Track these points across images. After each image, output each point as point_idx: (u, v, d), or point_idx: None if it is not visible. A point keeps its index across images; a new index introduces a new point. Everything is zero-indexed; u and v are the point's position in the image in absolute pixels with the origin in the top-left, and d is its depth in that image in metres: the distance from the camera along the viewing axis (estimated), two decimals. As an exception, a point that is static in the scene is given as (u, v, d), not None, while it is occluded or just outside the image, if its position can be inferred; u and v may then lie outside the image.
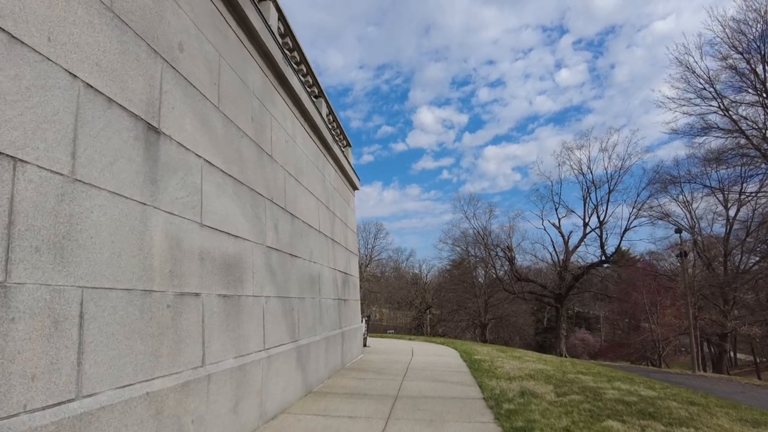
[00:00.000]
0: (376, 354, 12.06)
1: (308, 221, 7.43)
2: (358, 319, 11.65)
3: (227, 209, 4.47)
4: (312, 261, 7.46)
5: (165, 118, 3.52)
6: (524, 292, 37.83)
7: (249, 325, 4.77)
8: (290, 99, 6.88)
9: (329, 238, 8.91)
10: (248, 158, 5.07)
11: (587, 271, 34.84)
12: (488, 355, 12.27)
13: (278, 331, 5.63)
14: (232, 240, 4.52)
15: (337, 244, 9.68)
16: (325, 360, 7.67)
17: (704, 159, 30.13)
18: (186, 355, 3.56)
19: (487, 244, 39.98)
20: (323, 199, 8.63)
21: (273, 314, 5.50)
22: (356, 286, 11.75)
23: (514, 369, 9.50)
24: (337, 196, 10.12)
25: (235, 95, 4.85)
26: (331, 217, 9.24)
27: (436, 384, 7.45)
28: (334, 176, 9.96)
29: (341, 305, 9.61)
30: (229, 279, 4.41)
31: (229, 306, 4.35)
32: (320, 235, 8.19)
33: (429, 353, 12.66)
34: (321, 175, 8.64)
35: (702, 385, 18.10)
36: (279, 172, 6.10)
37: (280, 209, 6.02)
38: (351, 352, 10.16)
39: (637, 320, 59.71)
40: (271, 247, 5.61)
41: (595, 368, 10.89)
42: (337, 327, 9.04)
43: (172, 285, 3.46)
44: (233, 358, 4.36)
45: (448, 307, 49.27)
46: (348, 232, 11.11)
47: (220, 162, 4.40)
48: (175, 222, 3.57)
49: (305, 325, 6.81)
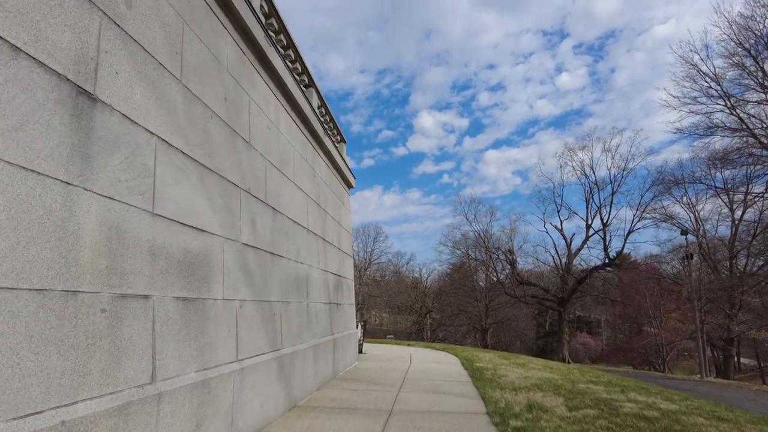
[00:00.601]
0: (372, 361, 11.39)
1: (295, 218, 6.80)
2: (352, 325, 11.00)
3: (190, 198, 3.85)
4: (299, 261, 6.83)
5: (104, 83, 2.91)
6: (526, 296, 37.10)
7: (217, 333, 4.14)
8: (274, 83, 6.28)
9: (320, 237, 8.28)
10: (219, 142, 4.46)
11: (590, 274, 34.12)
12: (491, 363, 11.60)
13: (255, 339, 4.99)
14: (195, 234, 3.89)
15: (329, 244, 9.05)
16: (314, 370, 7.02)
17: (709, 159, 29.56)
18: (128, 370, 2.92)
19: (488, 247, 39.27)
20: (313, 195, 8.01)
21: (249, 320, 4.86)
22: (351, 290, 11.10)
23: (519, 378, 8.84)
24: (330, 193, 9.50)
25: (202, 69, 4.24)
26: (322, 215, 8.61)
27: (435, 396, 6.80)
28: (326, 172, 9.34)
29: (333, 310, 8.97)
30: (192, 279, 3.78)
31: (190, 311, 3.72)
32: (309, 234, 7.56)
33: (428, 360, 12.00)
34: (310, 170, 8.02)
35: (711, 392, 17.42)
36: (258, 160, 5.48)
37: (259, 202, 5.40)
38: (344, 360, 9.50)
39: (639, 324, 58.98)
40: (248, 245, 4.98)
41: (605, 377, 10.23)
42: (329, 333, 8.39)
43: (110, 285, 2.83)
44: (195, 371, 3.72)
45: (448, 312, 48.56)
46: (342, 232, 10.48)
47: (181, 143, 3.78)
48: (116, 209, 2.94)
49: (290, 332, 6.16)
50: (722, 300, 32.60)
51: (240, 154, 4.95)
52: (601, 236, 33.08)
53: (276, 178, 6.08)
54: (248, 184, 5.11)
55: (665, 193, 32.50)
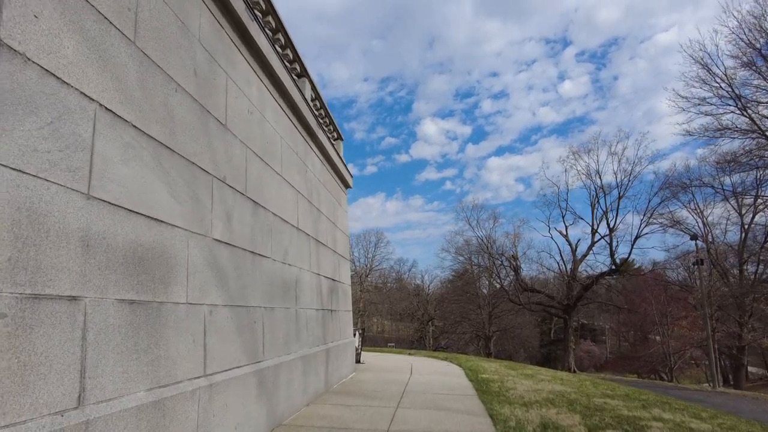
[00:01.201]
0: (370, 372, 10.68)
1: (282, 215, 6.16)
2: (349, 333, 10.32)
3: (143, 182, 3.21)
4: (286, 263, 6.18)
5: (14, 25, 2.28)
6: (531, 303, 36.23)
7: (178, 343, 3.48)
8: (258, 64, 5.67)
9: (312, 237, 7.63)
10: (185, 120, 3.83)
11: (597, 281, 33.30)
12: (497, 374, 10.88)
13: (230, 350, 4.33)
14: (149, 225, 3.25)
15: (323, 245, 8.40)
16: (303, 384, 6.34)
17: (717, 162, 28.87)
18: (39, 393, 2.27)
19: (491, 253, 38.49)
20: (304, 192, 7.37)
21: (221, 328, 4.20)
22: (347, 295, 10.43)
23: (529, 391, 8.13)
24: (324, 191, 8.87)
25: (165, 35, 3.62)
26: (315, 214, 7.97)
27: (438, 413, 6.11)
28: (320, 168, 8.72)
29: (327, 317, 8.29)
30: (144, 279, 3.14)
31: (140, 317, 3.07)
32: (300, 234, 6.92)
33: (430, 371, 11.28)
34: (302, 164, 7.40)
35: (725, 404, 16.58)
36: (237, 147, 4.85)
37: (237, 194, 4.76)
38: (339, 371, 8.81)
39: (644, 332, 57.95)
40: (221, 241, 4.33)
41: (620, 389, 9.50)
42: (321, 342, 7.71)
43: (14, 283, 2.19)
44: (146, 390, 3.06)
45: (451, 319, 47.69)
46: (337, 234, 9.83)
47: (133, 116, 3.15)
48: (29, 186, 2.31)
49: (274, 341, 5.50)
50: (732, 307, 31.74)
51: (213, 138, 4.33)
52: (608, 242, 32.33)
53: (259, 169, 5.45)
54: (223, 173, 4.47)
55: (673, 197, 31.78)
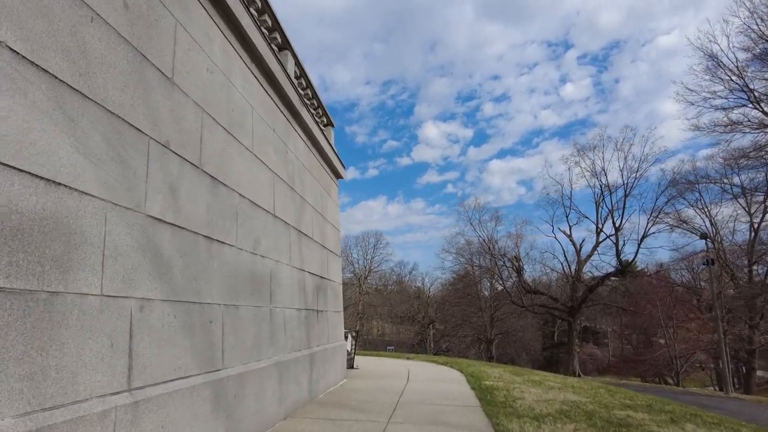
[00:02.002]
0: (363, 379, 9.78)
1: (254, 198, 5.30)
2: (339, 336, 9.42)
3: (27, 126, 2.35)
4: (258, 254, 5.30)
5: None
6: (534, 305, 35.23)
7: (83, 348, 2.61)
8: (223, 20, 4.81)
9: (293, 228, 6.77)
10: (106, 61, 2.97)
11: (602, 282, 32.33)
12: (501, 380, 9.97)
13: (171, 356, 3.45)
14: (36, 186, 2.39)
15: (308, 238, 7.53)
16: (278, 394, 5.46)
17: (726, 159, 28.00)
18: None
19: (493, 254, 37.50)
20: (284, 176, 6.51)
21: (158, 329, 3.33)
22: (338, 295, 9.55)
23: (539, 401, 7.23)
24: (310, 178, 8.01)
25: (73, -57, 2.77)
26: (298, 202, 7.11)
27: (435, 429, 5.22)
28: (305, 152, 7.85)
29: (312, 318, 7.41)
30: (21, 259, 2.27)
31: (10, 311, 2.20)
32: (277, 222, 6.05)
33: (428, 377, 10.38)
34: (281, 144, 6.54)
35: (741, 411, 15.64)
36: (189, 109, 3.99)
37: (187, 165, 3.90)
38: (327, 377, 7.92)
39: (648, 335, 56.96)
40: (161, 220, 3.46)
41: (640, 398, 8.59)
42: (304, 347, 6.82)
43: None
44: (15, 417, 2.18)
45: (451, 322, 46.73)
46: (327, 227, 8.96)
47: (11, 34, 2.29)
48: None
49: (238, 345, 4.62)
50: (742, 309, 30.79)
51: (153, 92, 3.46)
52: (613, 241, 31.33)
53: (221, 140, 4.59)
54: (166, 136, 3.61)
55: (680, 196, 30.87)
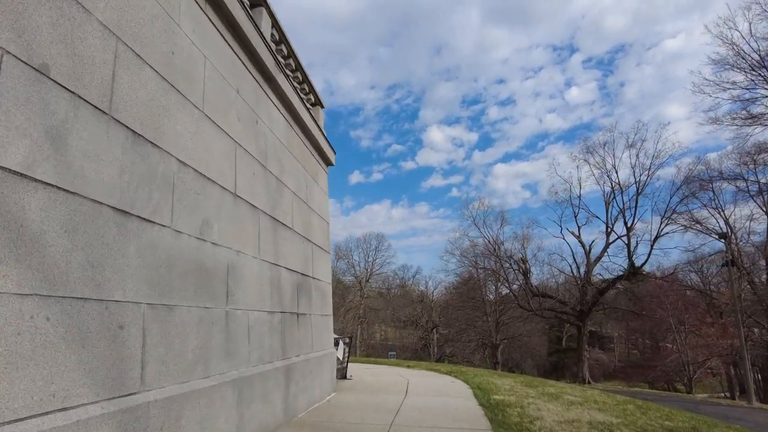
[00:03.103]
0: (355, 392, 8.61)
1: (202, 169, 4.17)
2: (327, 343, 8.26)
3: None
4: (206, 240, 4.16)
5: None
6: (542, 309, 33.83)
7: None
8: (156, -68, 3.70)
9: (265, 214, 5.63)
10: None
11: (613, 285, 30.94)
12: (513, 393, 8.76)
13: (38, 378, 2.30)
14: None
15: (286, 228, 6.39)
16: (237, 419, 4.30)
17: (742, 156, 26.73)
18: None
19: (498, 256, 36.15)
20: (252, 150, 5.38)
21: (11, 338, 2.18)
22: (326, 296, 8.38)
23: (562, 422, 6.04)
24: (290, 159, 6.88)
25: None
26: (273, 184, 5.98)
27: (435, 467, 4.05)
28: (284, 128, 6.73)
29: (290, 322, 6.25)
30: None
31: None
32: (239, 203, 4.92)
33: (430, 390, 9.18)
34: (249, 112, 5.41)
35: None
36: (91, 30, 2.86)
37: (84, 106, 2.77)
38: (311, 392, 6.76)
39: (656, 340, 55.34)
40: (25, 176, 2.33)
41: (679, 416, 7.35)
42: (278, 357, 5.66)
43: None
44: None
45: (456, 327, 45.40)
46: (312, 218, 7.82)
47: None
48: None
49: (170, 359, 3.46)
50: (761, 313, 29.39)
51: (14, -12, 2.34)
52: (625, 242, 29.89)
53: (152, 86, 3.46)
54: (41, 56, 2.48)
55: (695, 194, 29.53)
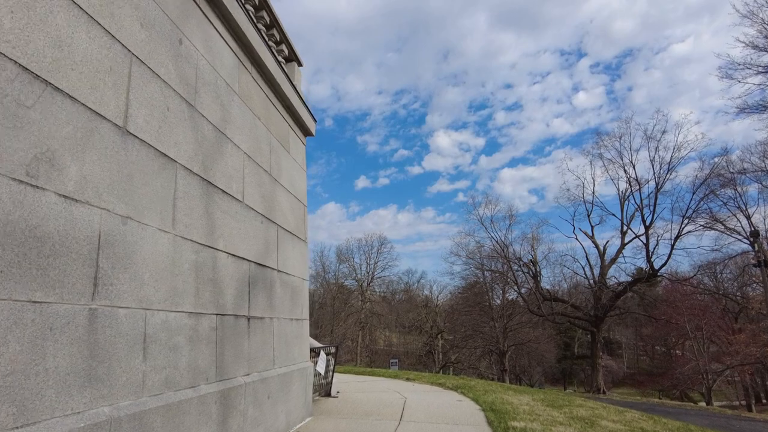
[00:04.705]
0: (335, 418, 6.84)
1: (47, 75, 2.48)
2: (299, 356, 6.51)
3: None
4: (45, 188, 2.46)
5: None
6: (554, 314, 31.82)
7: None
8: None
9: (188, 171, 3.92)
10: None
11: (630, 288, 28.95)
12: (535, 418, 6.97)
13: None
14: None
15: (231, 199, 4.68)
16: (102, 493, 2.57)
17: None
18: None
19: (507, 257, 34.19)
20: (167, 76, 3.68)
21: None
22: (298, 296, 6.63)
23: (615, 472, 4.26)
24: (243, 110, 5.18)
25: None
26: (207, 135, 4.28)
27: None
28: (232, 65, 5.02)
29: (234, 330, 4.52)
30: None
31: None
32: (129, 143, 3.22)
33: (430, 414, 7.38)
34: (165, 21, 3.72)
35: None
36: None
37: None
38: (268, 424, 5.02)
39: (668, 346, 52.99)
40: None
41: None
42: (205, 379, 3.93)
43: None
44: None
45: (461, 332, 43.41)
46: (279, 194, 6.12)
47: None
48: None
49: None
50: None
51: None
52: (643, 242, 27.86)
53: None
54: None
55: (715, 192, 27.55)
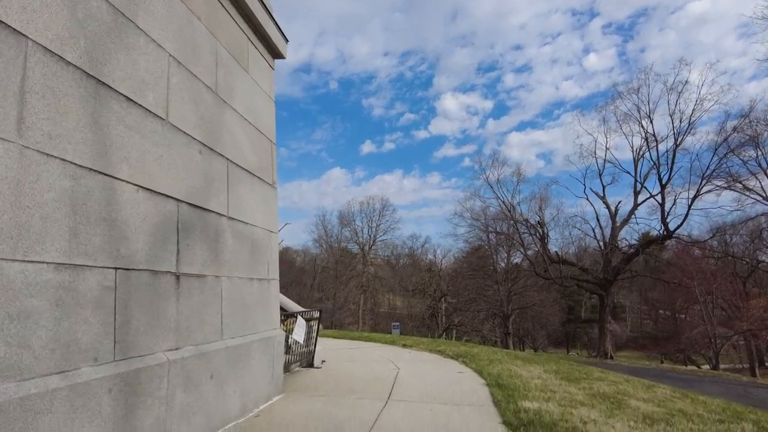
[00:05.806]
0: (310, 396, 5.77)
1: None
2: (262, 323, 5.36)
3: None
4: None
5: None
6: (563, 278, 30.74)
7: None
8: None
9: (52, 54, 2.62)
10: None
11: (643, 250, 27.67)
12: (550, 396, 5.86)
13: None
14: None
15: (145, 113, 3.39)
16: None
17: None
18: None
19: (514, 218, 32.83)
20: None
21: None
22: (260, 251, 5.41)
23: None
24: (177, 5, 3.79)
25: None
26: (100, 14, 2.94)
27: None
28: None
29: (149, 289, 3.33)
30: None
31: None
32: None
33: (425, 391, 6.28)
34: None
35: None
36: None
37: None
38: (211, 410, 3.93)
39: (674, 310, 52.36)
40: None
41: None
42: (108, 356, 2.76)
43: None
44: None
45: (465, 296, 42.73)
46: (231, 121, 4.80)
47: None
48: None
49: None
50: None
51: None
52: (659, 201, 26.32)
53: None
54: None
55: (741, 148, 25.77)
